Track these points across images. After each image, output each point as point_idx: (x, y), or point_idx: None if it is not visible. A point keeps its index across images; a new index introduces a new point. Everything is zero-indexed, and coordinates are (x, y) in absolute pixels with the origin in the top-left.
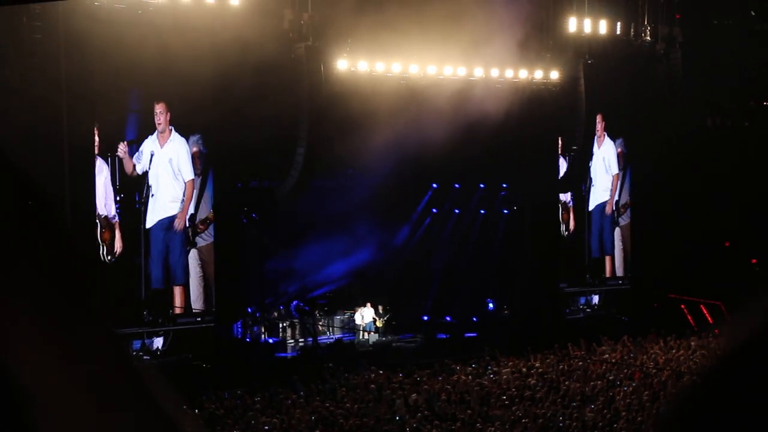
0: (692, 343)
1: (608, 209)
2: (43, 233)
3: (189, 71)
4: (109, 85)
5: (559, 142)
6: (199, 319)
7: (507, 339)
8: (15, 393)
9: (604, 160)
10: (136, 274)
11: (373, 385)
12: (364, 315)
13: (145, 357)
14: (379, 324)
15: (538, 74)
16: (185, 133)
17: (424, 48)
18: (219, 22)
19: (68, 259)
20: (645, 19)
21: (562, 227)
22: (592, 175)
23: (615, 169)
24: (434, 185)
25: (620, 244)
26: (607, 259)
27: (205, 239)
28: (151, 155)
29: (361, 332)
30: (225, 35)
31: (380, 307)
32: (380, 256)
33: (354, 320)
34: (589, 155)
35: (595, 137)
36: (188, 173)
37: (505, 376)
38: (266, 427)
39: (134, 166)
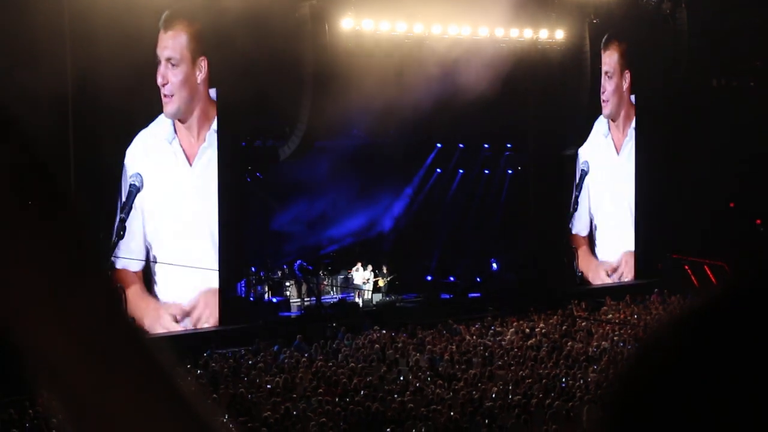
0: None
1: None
2: (49, 207)
3: (192, 30)
4: (114, 51)
5: (564, 102)
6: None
7: (511, 299)
8: (21, 365)
9: (609, 122)
10: None
11: (377, 345)
12: (357, 275)
13: None
14: (381, 284)
15: (543, 34)
16: None
17: (429, 6)
18: None
19: (73, 231)
20: None
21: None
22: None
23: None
24: (438, 145)
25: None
26: None
27: None
28: None
29: (357, 292)
30: None
31: (384, 268)
32: (384, 215)
33: (351, 280)
34: (595, 116)
35: (601, 99)
36: None
37: (508, 336)
38: (269, 386)
39: None
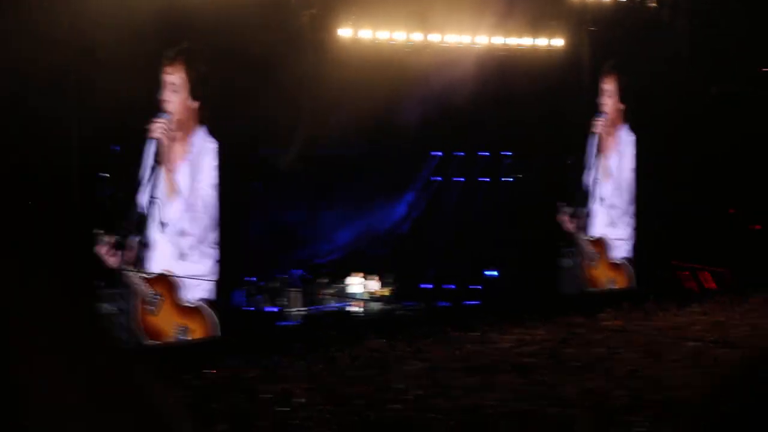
0: (695, 310)
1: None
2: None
3: (192, 39)
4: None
5: (564, 109)
6: None
7: (509, 306)
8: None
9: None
10: None
11: (376, 354)
12: (356, 284)
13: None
14: (379, 293)
15: (542, 42)
16: None
17: (427, 15)
18: None
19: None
20: None
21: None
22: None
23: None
24: (437, 153)
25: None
26: None
27: None
28: None
29: (355, 301)
30: (226, 5)
31: (382, 276)
32: (384, 224)
33: (349, 289)
34: (594, 122)
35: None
36: None
37: (506, 344)
38: (267, 396)
39: None
